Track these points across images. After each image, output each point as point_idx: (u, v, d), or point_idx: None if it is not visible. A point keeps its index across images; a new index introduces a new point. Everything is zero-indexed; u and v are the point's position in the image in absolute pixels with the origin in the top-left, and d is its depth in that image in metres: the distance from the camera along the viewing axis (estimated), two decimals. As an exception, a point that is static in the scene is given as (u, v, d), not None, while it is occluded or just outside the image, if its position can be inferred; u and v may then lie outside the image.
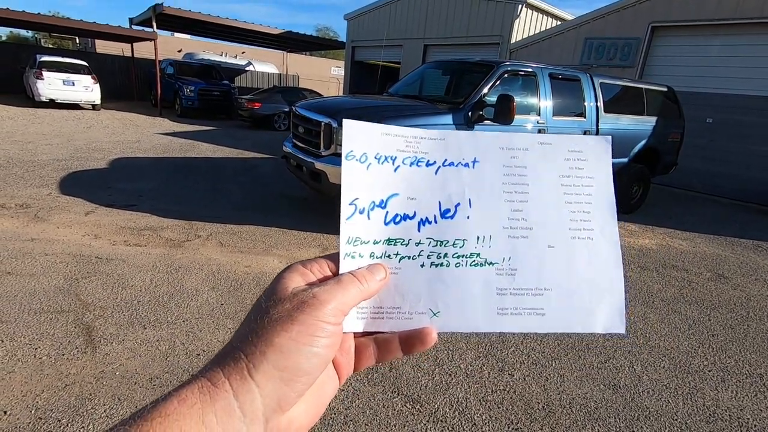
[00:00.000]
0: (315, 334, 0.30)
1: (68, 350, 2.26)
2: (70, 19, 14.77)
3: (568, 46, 10.34)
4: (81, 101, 13.09)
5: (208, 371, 0.29)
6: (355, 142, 0.39)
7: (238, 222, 4.45)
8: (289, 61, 23.05)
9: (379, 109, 4.46)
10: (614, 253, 0.40)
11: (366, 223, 0.38)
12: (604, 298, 0.39)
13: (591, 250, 0.39)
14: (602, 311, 0.38)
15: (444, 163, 0.41)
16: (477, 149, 0.41)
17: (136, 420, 0.26)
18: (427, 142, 0.41)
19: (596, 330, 0.38)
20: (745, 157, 8.09)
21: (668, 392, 2.36)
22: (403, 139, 0.41)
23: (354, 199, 0.38)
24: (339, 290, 0.33)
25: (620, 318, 0.39)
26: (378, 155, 0.39)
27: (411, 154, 0.40)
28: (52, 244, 3.54)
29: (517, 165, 0.41)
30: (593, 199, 0.41)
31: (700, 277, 4.14)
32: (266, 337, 0.29)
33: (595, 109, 5.49)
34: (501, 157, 0.41)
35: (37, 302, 2.68)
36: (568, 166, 0.42)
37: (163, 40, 16.73)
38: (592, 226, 0.40)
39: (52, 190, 5.00)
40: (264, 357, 0.29)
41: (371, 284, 0.36)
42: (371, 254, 0.38)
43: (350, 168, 0.39)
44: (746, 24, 7.81)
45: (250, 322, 0.31)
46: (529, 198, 0.40)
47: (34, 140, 7.84)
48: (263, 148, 9.42)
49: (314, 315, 0.31)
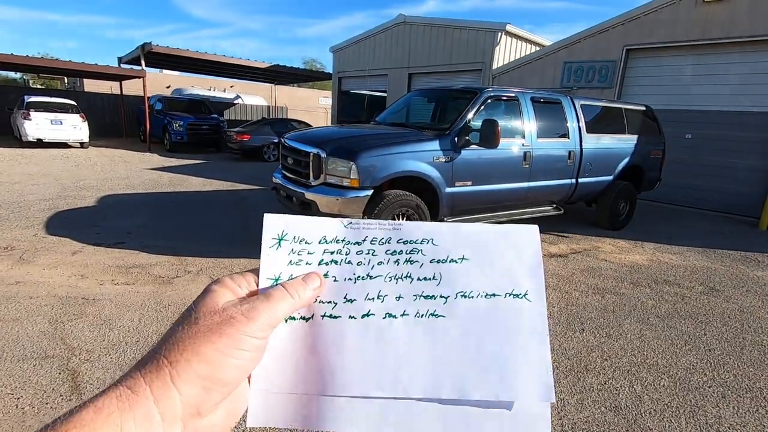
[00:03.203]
0: (240, 348, 0.31)
1: (52, 398, 2.18)
2: (58, 60, 14.96)
3: (548, 70, 10.69)
4: (69, 140, 13.10)
5: (127, 379, 0.29)
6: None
7: (228, 255, 4.40)
8: (277, 93, 23.43)
9: (368, 138, 4.52)
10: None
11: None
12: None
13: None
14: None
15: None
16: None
17: (47, 430, 0.26)
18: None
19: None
20: (726, 170, 8.30)
21: (670, 411, 2.32)
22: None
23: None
24: (267, 307, 0.34)
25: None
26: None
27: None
28: (37, 286, 3.46)
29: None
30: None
31: (692, 291, 4.16)
32: (193, 347, 0.30)
33: (577, 130, 5.63)
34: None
35: (20, 348, 2.59)
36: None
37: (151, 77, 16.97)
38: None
39: (38, 230, 4.92)
40: (189, 365, 0.29)
41: (305, 294, 0.36)
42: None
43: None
44: (714, 44, 8.18)
45: (175, 330, 0.32)
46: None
47: (20, 180, 7.77)
48: (253, 179, 9.44)
49: (241, 330, 0.31)
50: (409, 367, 0.36)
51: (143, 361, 0.30)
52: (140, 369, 0.30)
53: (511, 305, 0.38)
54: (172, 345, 0.31)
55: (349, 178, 4.04)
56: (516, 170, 5.02)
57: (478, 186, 4.75)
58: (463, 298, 0.38)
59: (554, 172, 5.45)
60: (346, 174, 4.05)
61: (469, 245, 0.39)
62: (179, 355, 0.30)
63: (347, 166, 4.03)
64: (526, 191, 5.21)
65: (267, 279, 0.38)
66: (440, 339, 0.37)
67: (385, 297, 0.38)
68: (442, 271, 0.39)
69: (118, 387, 0.29)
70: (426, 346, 0.37)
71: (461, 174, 4.58)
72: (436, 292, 0.38)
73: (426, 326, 0.37)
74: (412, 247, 0.39)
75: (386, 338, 0.37)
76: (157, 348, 0.31)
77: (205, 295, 0.34)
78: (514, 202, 5.23)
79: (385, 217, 4.18)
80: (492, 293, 0.38)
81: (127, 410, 0.27)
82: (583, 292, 3.95)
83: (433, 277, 0.39)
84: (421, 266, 0.39)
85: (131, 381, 0.29)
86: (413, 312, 0.38)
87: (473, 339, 0.37)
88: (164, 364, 0.30)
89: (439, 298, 0.38)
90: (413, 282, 0.39)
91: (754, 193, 7.93)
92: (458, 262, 0.39)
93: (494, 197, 4.98)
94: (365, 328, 0.37)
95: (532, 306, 0.38)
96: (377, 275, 0.39)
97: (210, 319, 0.32)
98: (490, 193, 4.90)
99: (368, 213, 4.14)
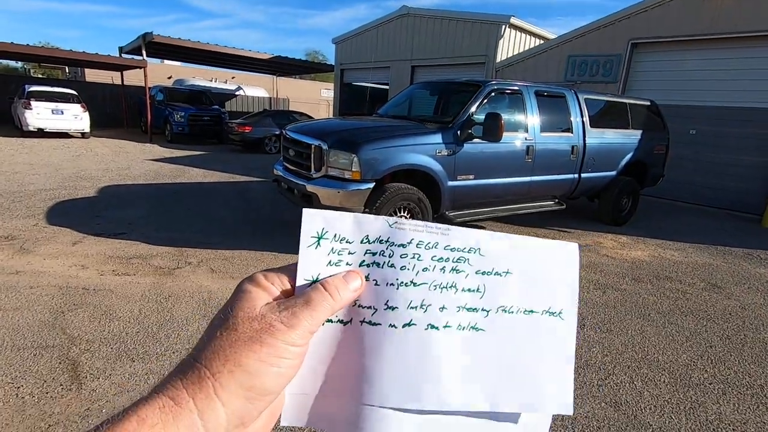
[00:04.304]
0: (282, 356, 0.31)
1: (52, 388, 2.18)
2: (59, 49, 14.89)
3: (552, 63, 10.59)
4: (70, 130, 13.07)
5: (169, 389, 0.28)
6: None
7: (229, 247, 4.40)
8: (279, 85, 23.32)
9: (370, 131, 4.49)
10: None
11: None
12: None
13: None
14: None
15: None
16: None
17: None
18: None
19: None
20: (729, 166, 8.26)
21: (670, 407, 2.32)
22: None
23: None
24: (307, 314, 0.32)
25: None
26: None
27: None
28: (37, 276, 3.46)
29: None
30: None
31: (694, 287, 4.15)
32: (234, 357, 0.29)
33: (581, 125, 5.58)
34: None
35: (21, 338, 2.59)
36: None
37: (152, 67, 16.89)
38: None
39: (39, 220, 4.92)
40: (232, 376, 0.29)
41: (345, 295, 0.35)
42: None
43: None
44: (721, 39, 8.09)
45: (213, 336, 0.30)
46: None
47: (21, 170, 7.76)
48: (254, 171, 9.42)
49: (282, 339, 0.31)
50: (448, 380, 0.36)
51: (183, 369, 0.30)
52: (181, 379, 0.29)
53: (546, 323, 0.38)
54: (213, 354, 0.30)
55: (350, 170, 4.01)
56: (519, 164, 4.99)
57: (481, 180, 4.73)
58: (503, 313, 0.38)
59: (557, 167, 5.41)
60: (347, 166, 4.02)
61: (515, 258, 0.38)
62: (221, 366, 0.29)
63: (349, 158, 4.00)
64: (528, 185, 5.18)
65: (304, 279, 0.36)
66: (479, 353, 0.37)
67: (428, 307, 0.37)
68: (486, 283, 0.38)
69: (160, 397, 0.28)
70: (465, 359, 0.37)
71: (463, 167, 4.55)
72: (479, 305, 0.38)
73: (467, 340, 0.37)
74: (458, 255, 0.38)
75: (426, 350, 0.36)
76: (197, 355, 0.30)
77: (240, 297, 0.33)
78: (516, 196, 5.21)
79: (386, 210, 4.16)
80: (531, 309, 0.38)
81: (170, 422, 0.27)
82: (584, 288, 3.94)
83: (477, 289, 0.38)
84: (466, 276, 0.38)
85: (174, 392, 0.28)
86: (455, 324, 0.37)
87: (509, 353, 0.37)
88: (206, 375, 0.29)
89: (481, 311, 0.38)
90: (458, 292, 0.37)
91: (758, 191, 7.88)
92: (502, 275, 0.38)
93: (496, 191, 4.95)
94: (406, 338, 0.36)
95: (565, 325, 0.38)
96: (422, 282, 0.37)
97: (249, 325, 0.31)
98: (492, 187, 4.87)
99: (369, 206, 4.12)
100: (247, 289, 0.33)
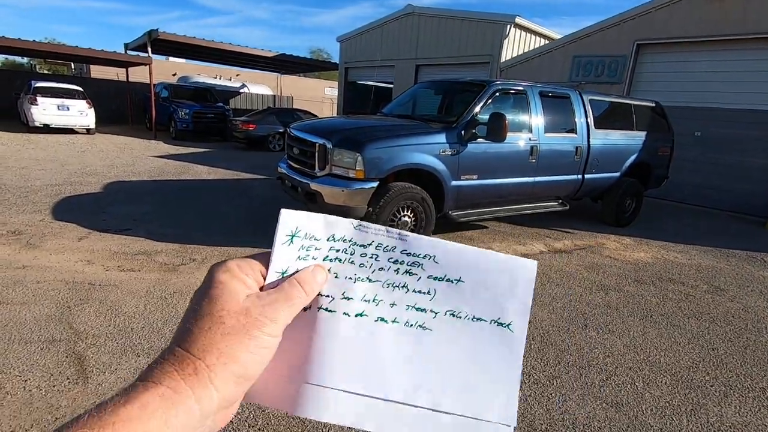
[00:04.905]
0: (265, 347, 0.35)
1: (59, 381, 2.21)
2: (65, 45, 14.93)
3: (557, 64, 10.57)
4: (75, 126, 13.13)
5: (166, 378, 0.31)
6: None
7: (233, 244, 4.42)
8: (283, 83, 23.35)
9: (374, 130, 4.50)
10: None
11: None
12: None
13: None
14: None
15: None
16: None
17: (95, 421, 0.27)
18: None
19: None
20: (734, 169, 8.22)
21: (671, 409, 2.33)
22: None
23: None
24: (287, 308, 0.36)
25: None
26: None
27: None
28: (44, 271, 3.49)
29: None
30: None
31: (696, 289, 4.15)
32: (228, 351, 0.33)
33: (585, 125, 5.58)
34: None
35: (28, 332, 2.62)
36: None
37: (157, 64, 16.91)
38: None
39: (45, 215, 4.96)
40: (226, 368, 0.32)
41: (314, 288, 0.39)
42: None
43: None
44: (727, 40, 8.05)
45: (204, 330, 0.33)
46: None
47: (27, 165, 7.82)
48: (258, 169, 9.45)
49: (266, 331, 0.34)
50: (392, 371, 0.39)
51: (175, 360, 0.32)
52: (177, 371, 0.32)
53: (494, 331, 0.40)
54: (208, 347, 0.33)
55: (354, 169, 4.03)
56: (522, 165, 4.99)
57: (484, 180, 4.73)
58: (451, 317, 0.40)
59: (561, 168, 5.41)
60: (351, 165, 4.04)
61: (469, 268, 0.41)
62: (216, 359, 0.32)
63: (353, 157, 4.02)
64: (532, 186, 5.18)
65: (275, 272, 0.39)
66: (424, 350, 0.39)
67: (380, 302, 0.40)
68: (437, 288, 0.41)
69: (159, 386, 0.30)
70: (410, 354, 0.39)
71: (467, 167, 4.56)
72: (428, 306, 0.40)
73: (413, 336, 0.39)
74: (413, 260, 0.41)
75: (375, 340, 0.39)
76: (188, 347, 0.33)
77: (221, 288, 0.35)
78: (519, 196, 5.21)
79: (390, 210, 4.17)
80: (479, 317, 0.40)
81: (170, 408, 0.30)
82: (587, 289, 3.94)
83: (428, 292, 0.41)
84: (418, 279, 0.41)
85: (172, 383, 0.31)
86: (404, 320, 0.40)
87: (454, 356, 0.39)
88: (202, 367, 0.32)
89: (430, 312, 0.40)
90: (408, 293, 0.41)
91: (763, 193, 7.85)
92: (454, 282, 0.41)
93: (500, 191, 4.96)
94: (357, 327, 0.39)
95: (514, 336, 0.40)
96: (376, 280, 0.41)
97: (236, 320, 0.34)
98: (495, 187, 4.87)
99: (373, 205, 4.13)
100: (225, 280, 0.35)
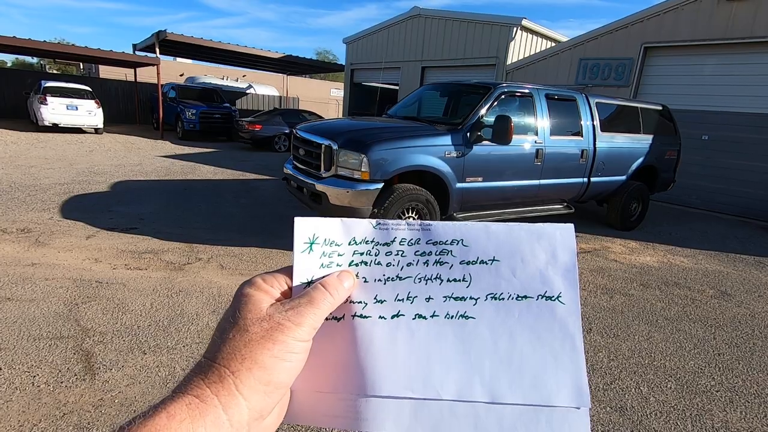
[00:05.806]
0: (292, 351, 0.33)
1: (67, 377, 2.23)
2: (74, 46, 15.08)
3: (563, 66, 10.54)
4: (84, 125, 13.27)
5: (192, 388, 0.31)
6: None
7: (239, 244, 4.45)
8: (289, 84, 23.42)
9: (379, 131, 4.51)
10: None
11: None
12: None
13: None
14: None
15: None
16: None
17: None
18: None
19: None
20: (742, 173, 8.15)
21: (676, 414, 2.32)
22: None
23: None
24: (311, 311, 0.35)
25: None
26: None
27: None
28: (52, 268, 3.54)
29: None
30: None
31: (703, 294, 4.12)
32: (251, 355, 0.32)
33: (591, 129, 5.56)
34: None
35: (37, 328, 2.66)
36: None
37: (165, 64, 17.04)
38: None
39: (54, 214, 5.01)
40: (250, 373, 0.31)
41: (341, 293, 0.37)
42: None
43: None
44: (737, 44, 7.99)
45: (227, 338, 0.33)
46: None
47: (36, 164, 7.91)
48: (264, 169, 9.49)
49: (291, 335, 0.33)
50: (440, 368, 0.36)
51: (202, 370, 0.32)
52: (203, 379, 0.31)
53: (543, 307, 0.37)
54: (231, 354, 0.32)
55: (360, 170, 4.04)
56: (528, 167, 4.99)
57: (489, 182, 4.73)
58: (493, 300, 0.38)
59: (566, 171, 5.40)
60: (357, 166, 4.05)
61: (500, 246, 0.38)
62: (240, 365, 0.32)
63: (358, 158, 4.03)
64: (537, 189, 5.17)
65: (300, 282, 0.38)
66: (471, 341, 0.37)
67: (414, 298, 0.38)
68: (471, 272, 0.38)
69: (185, 396, 0.30)
70: (456, 347, 0.37)
71: (472, 169, 4.56)
72: (466, 293, 0.38)
73: (456, 328, 0.37)
74: (441, 248, 0.39)
75: (416, 339, 0.37)
76: (213, 357, 0.32)
77: (245, 300, 0.35)
78: (524, 199, 5.20)
79: (395, 211, 4.18)
80: (523, 295, 0.37)
81: (198, 417, 0.29)
82: (592, 292, 3.93)
83: (462, 278, 0.38)
84: (450, 267, 0.39)
85: (197, 390, 0.30)
86: (443, 313, 0.38)
87: (505, 341, 0.37)
88: (227, 374, 0.31)
89: (469, 300, 0.38)
90: (443, 283, 0.39)
91: (771, 198, 7.78)
92: (488, 263, 0.38)
93: (505, 194, 4.95)
94: (395, 328, 0.37)
95: (566, 308, 0.37)
96: (406, 276, 0.39)
97: (260, 326, 0.33)
98: (500, 190, 4.87)
99: (378, 206, 4.14)
100: (249, 293, 0.35)
